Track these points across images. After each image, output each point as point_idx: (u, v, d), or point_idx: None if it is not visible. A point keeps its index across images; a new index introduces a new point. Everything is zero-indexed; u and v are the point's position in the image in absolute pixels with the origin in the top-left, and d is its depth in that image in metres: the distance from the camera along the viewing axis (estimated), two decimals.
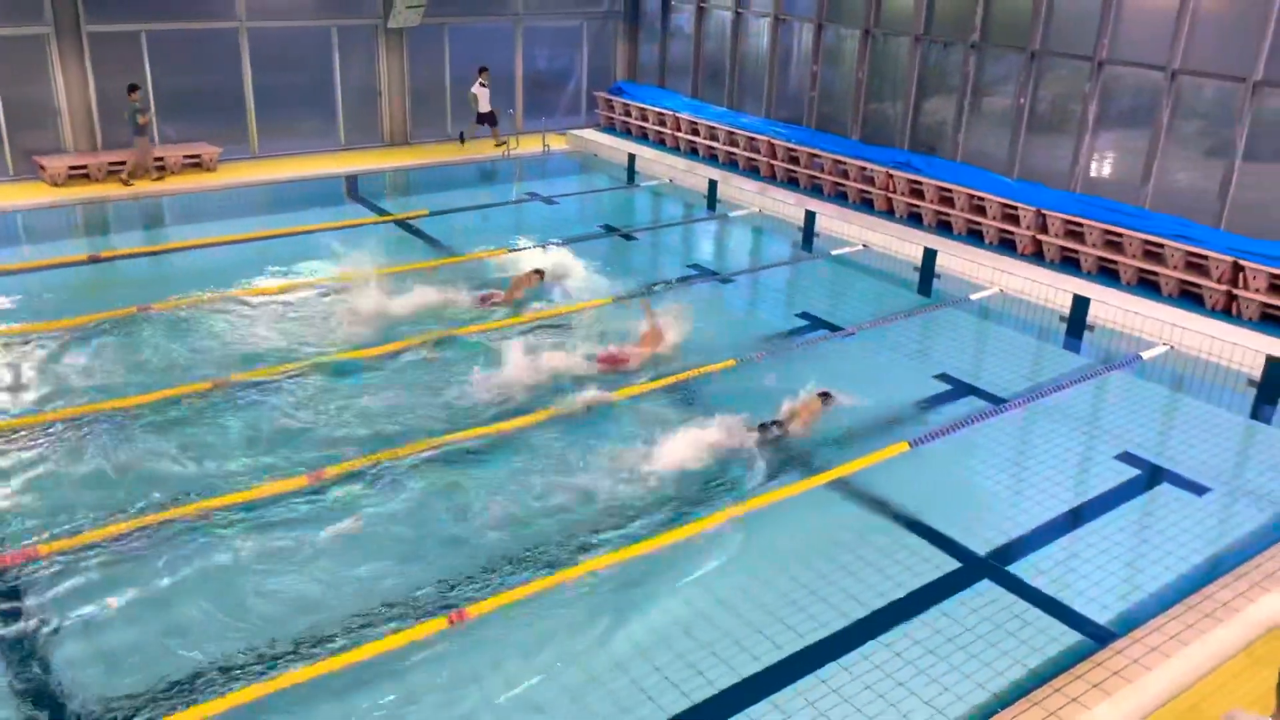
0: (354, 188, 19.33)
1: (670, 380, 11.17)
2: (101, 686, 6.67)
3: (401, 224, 17.11)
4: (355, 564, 7.93)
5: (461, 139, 21.90)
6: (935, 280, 15.11)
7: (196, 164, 18.92)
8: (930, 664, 7.06)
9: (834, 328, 12.92)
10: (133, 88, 17.73)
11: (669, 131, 21.89)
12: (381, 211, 18.00)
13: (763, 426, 9.81)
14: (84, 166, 17.89)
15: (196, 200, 17.84)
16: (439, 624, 7.23)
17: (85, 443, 9.49)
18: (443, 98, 22.17)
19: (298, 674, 6.73)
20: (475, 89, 21.47)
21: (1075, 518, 8.95)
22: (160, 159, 18.45)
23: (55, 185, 17.53)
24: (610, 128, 23.63)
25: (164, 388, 10.52)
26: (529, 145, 21.93)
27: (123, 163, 17.98)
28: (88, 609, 7.37)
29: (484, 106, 21.57)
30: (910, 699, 6.73)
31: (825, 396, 10.31)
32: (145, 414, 10.06)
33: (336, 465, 9.17)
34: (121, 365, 11.14)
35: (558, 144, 22.43)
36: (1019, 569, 8.18)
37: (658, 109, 22.20)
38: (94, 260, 14.64)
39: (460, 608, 7.38)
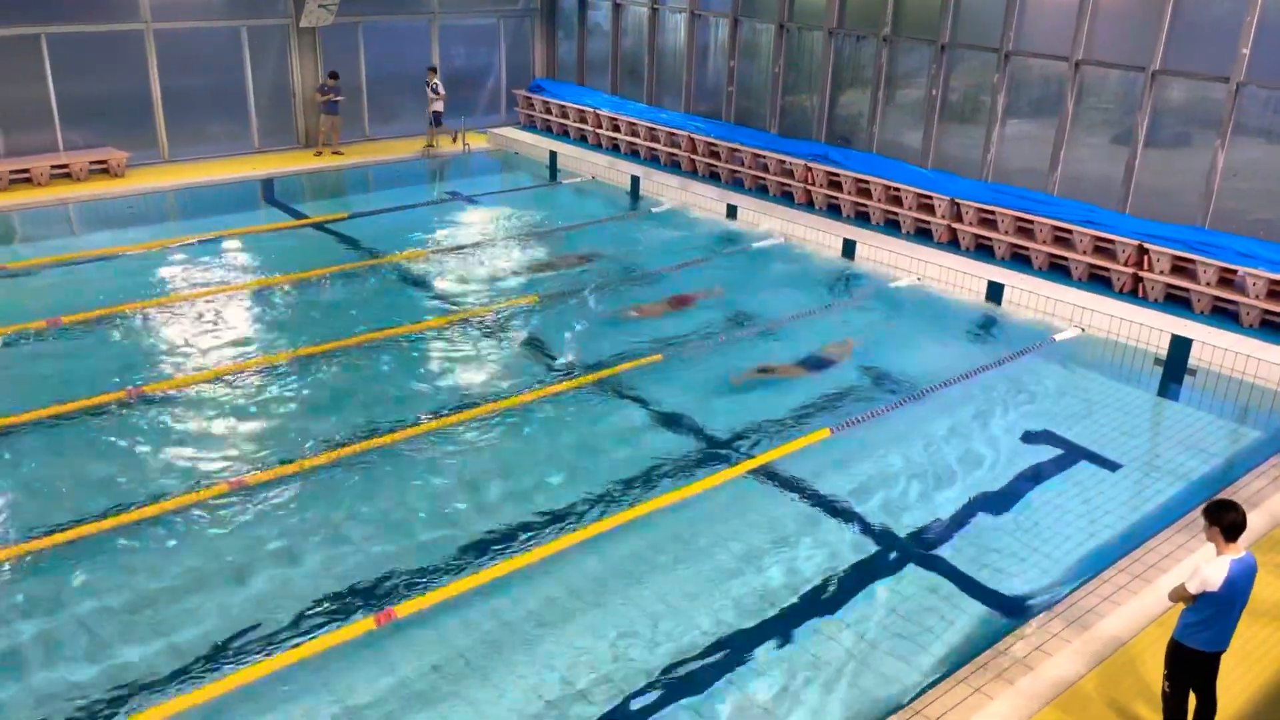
0: (270, 191, 18.96)
1: (597, 376, 11.22)
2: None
3: (321, 227, 16.85)
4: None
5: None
6: (855, 270, 15.36)
7: (104, 170, 18.39)
8: (858, 647, 7.21)
9: (756, 321, 13.08)
10: (333, 74, 20.20)
11: (590, 128, 21.88)
12: (299, 215, 17.69)
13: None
14: None
15: (104, 207, 17.31)
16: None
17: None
18: (359, 98, 21.83)
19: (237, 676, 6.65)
20: (429, 91, 21.25)
21: (994, 498, 9.19)
22: (65, 165, 17.94)
23: None
24: (530, 125, 23.53)
25: (75, 399, 10.23)
26: (449, 145, 21.73)
27: (27, 170, 17.66)
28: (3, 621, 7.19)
29: (434, 106, 21.30)
30: (840, 680, 6.87)
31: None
32: (55, 424, 9.82)
33: (265, 470, 9.04)
34: (30, 377, 10.82)
35: (478, 143, 22.28)
36: (939, 550, 8.38)
37: (578, 106, 22.17)
38: None
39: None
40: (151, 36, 18.97)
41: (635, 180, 19.35)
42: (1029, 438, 10.28)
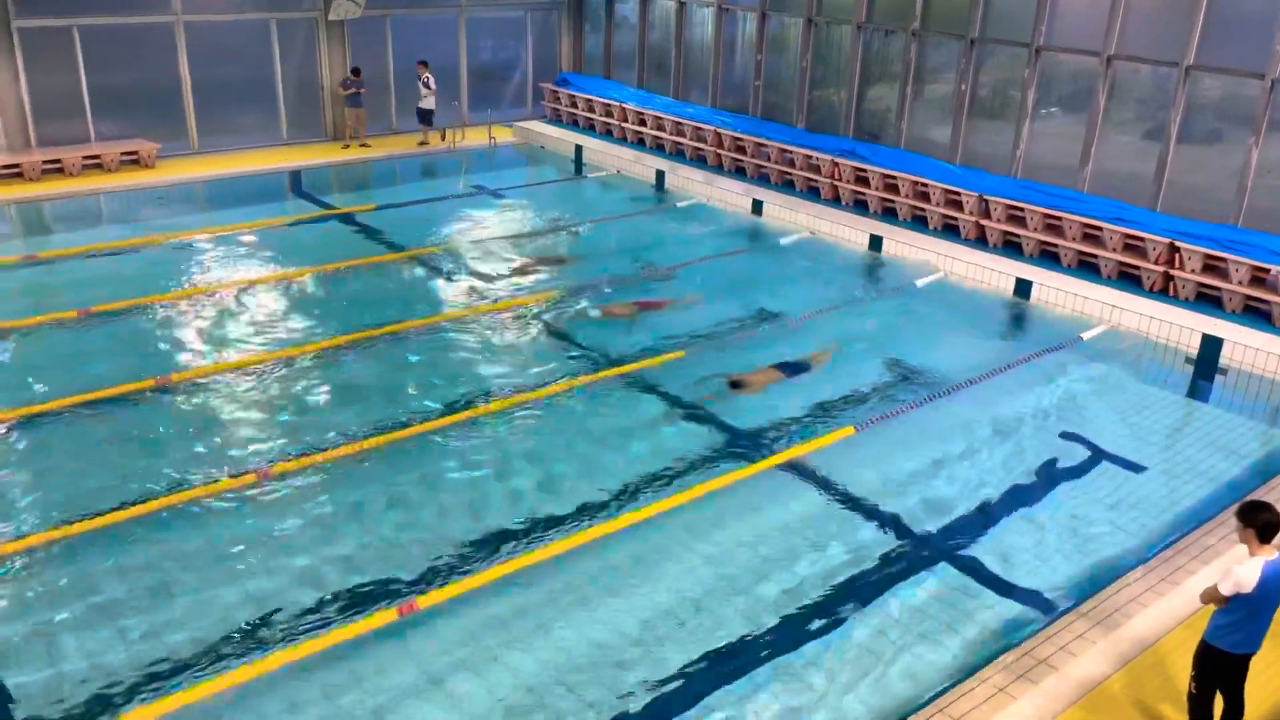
0: (297, 183, 19.07)
1: (628, 368, 11.21)
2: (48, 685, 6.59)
3: (348, 218, 16.94)
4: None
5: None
6: (882, 267, 15.28)
7: (134, 161, 18.55)
8: (882, 646, 7.18)
9: (782, 315, 13.04)
10: (355, 70, 20.43)
11: (615, 122, 21.86)
12: (327, 206, 17.79)
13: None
14: (17, 165, 17.45)
15: (135, 197, 17.49)
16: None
17: (17, 449, 9.37)
18: (386, 91, 21.91)
19: (259, 665, 6.71)
20: (420, 85, 21.17)
21: (1019, 497, 9.11)
22: (97, 156, 18.13)
23: None
24: (557, 119, 23.53)
25: (104, 387, 10.33)
26: (475, 137, 21.78)
27: (59, 160, 17.85)
28: (35, 608, 7.29)
29: (424, 102, 21.23)
30: (864, 680, 6.84)
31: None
32: (85, 413, 9.92)
33: (288, 460, 9.10)
34: (60, 367, 10.92)
35: (504, 136, 22.31)
36: (965, 549, 8.32)
37: (604, 100, 22.16)
38: (29, 261, 14.30)
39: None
40: (182, 29, 19.11)
41: (660, 174, 19.33)
42: (1055, 436, 10.19)
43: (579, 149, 21.22)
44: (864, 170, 17.12)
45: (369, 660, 6.92)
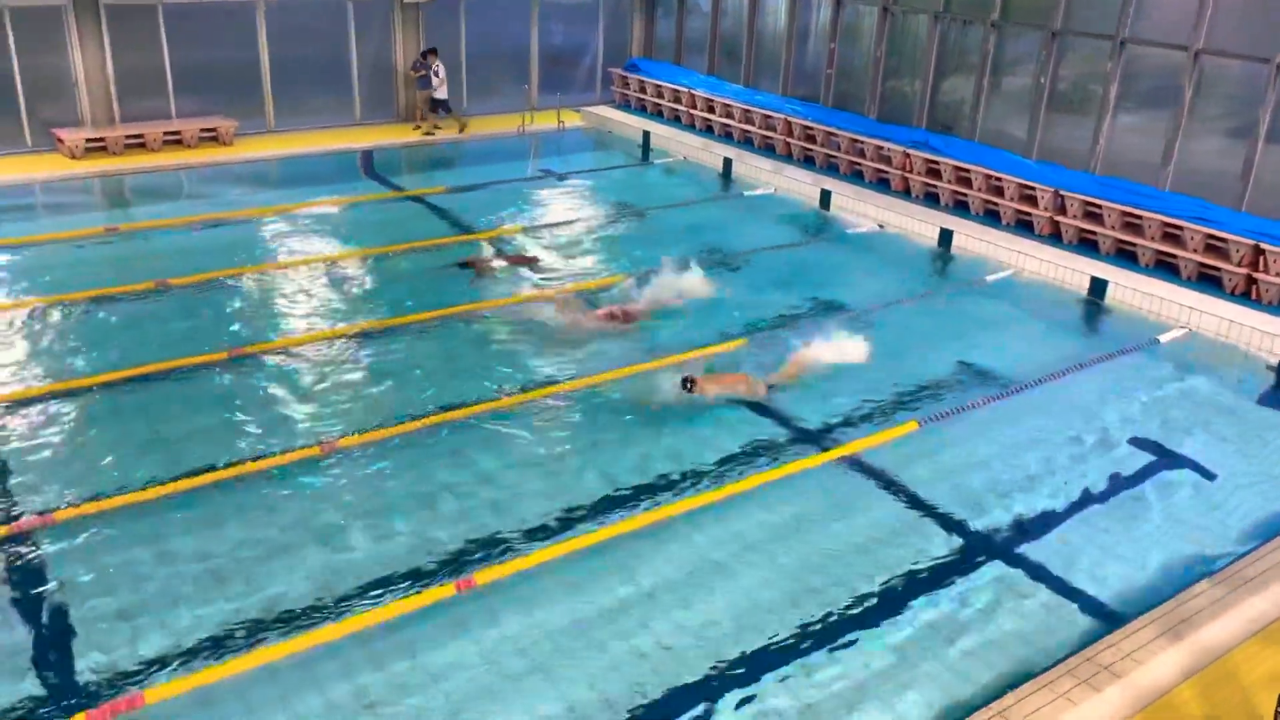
0: (369, 163, 19.32)
1: (689, 355, 11.18)
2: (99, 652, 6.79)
3: (418, 199, 17.12)
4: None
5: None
6: (951, 261, 15.02)
7: (213, 138, 18.96)
8: (938, 645, 7.08)
9: (847, 308, 12.89)
10: (425, 54, 20.50)
11: (684, 109, 21.78)
12: (397, 187, 18.00)
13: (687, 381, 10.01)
14: (101, 139, 17.94)
15: (212, 173, 17.86)
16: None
17: (96, 414, 9.65)
18: (458, 74, 22.07)
19: (302, 640, 6.82)
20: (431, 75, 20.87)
21: (1087, 501, 8.90)
22: (177, 132, 18.56)
23: (73, 158, 17.60)
24: (625, 105, 23.52)
25: (179, 357, 10.59)
26: (544, 121, 21.86)
27: (141, 135, 18.34)
28: (82, 576, 7.48)
29: (436, 92, 20.89)
30: (919, 680, 6.76)
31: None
32: (162, 384, 10.18)
33: (349, 436, 9.24)
34: (138, 337, 11.22)
35: (572, 121, 22.37)
36: (1029, 551, 8.17)
37: (673, 86, 22.09)
38: (111, 233, 14.70)
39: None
40: (262, 9, 19.46)
41: (728, 162, 19.22)
42: (1127, 440, 9.92)
43: (647, 135, 21.19)
44: (936, 163, 16.83)
45: (425, 634, 7.01)
